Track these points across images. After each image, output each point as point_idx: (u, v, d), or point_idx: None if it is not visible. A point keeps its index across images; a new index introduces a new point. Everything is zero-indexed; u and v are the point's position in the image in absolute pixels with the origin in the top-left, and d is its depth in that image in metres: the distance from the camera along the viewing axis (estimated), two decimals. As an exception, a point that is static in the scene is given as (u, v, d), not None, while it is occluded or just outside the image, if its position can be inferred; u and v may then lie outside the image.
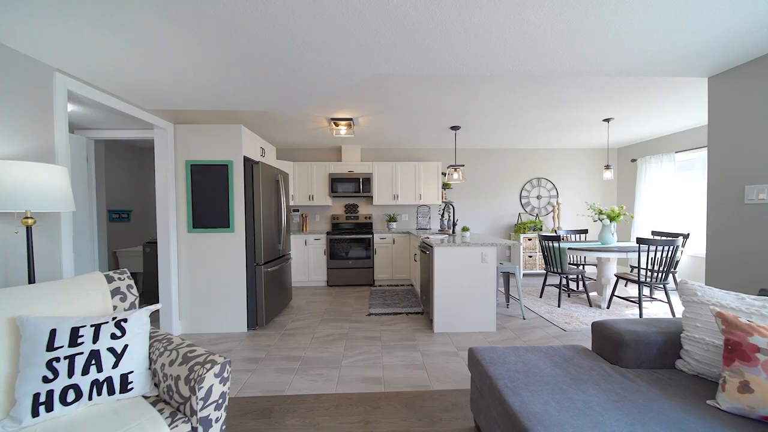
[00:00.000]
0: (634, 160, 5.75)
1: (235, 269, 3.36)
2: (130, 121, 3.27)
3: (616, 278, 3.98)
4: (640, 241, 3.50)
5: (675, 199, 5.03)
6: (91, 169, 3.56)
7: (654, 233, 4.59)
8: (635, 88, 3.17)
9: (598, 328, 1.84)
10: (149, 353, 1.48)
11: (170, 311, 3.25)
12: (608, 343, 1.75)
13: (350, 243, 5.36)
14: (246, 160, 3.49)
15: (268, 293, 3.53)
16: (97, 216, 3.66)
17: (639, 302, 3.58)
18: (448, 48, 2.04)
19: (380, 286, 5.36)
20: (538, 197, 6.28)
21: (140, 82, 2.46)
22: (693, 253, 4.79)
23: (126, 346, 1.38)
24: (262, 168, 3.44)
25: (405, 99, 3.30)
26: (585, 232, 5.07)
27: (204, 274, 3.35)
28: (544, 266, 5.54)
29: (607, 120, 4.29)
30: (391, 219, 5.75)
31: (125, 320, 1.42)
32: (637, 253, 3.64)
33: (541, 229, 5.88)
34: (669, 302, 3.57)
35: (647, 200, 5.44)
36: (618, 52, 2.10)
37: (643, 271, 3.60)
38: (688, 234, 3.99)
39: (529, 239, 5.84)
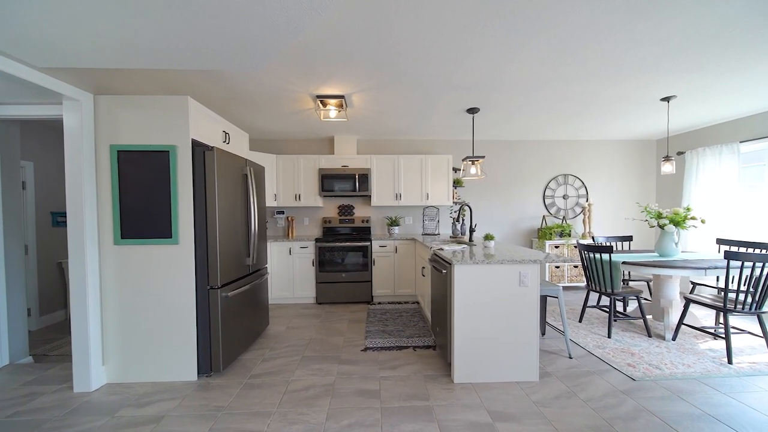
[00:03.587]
0: (681, 153, 4.84)
1: (180, 295, 2.45)
2: (34, 91, 2.36)
3: (685, 301, 3.06)
4: (729, 255, 2.60)
5: (740, 199, 4.13)
6: (-8, 157, 2.65)
7: (720, 241, 3.68)
8: (711, 57, 2.31)
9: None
10: None
11: (87, 355, 2.31)
12: None
13: (344, 251, 4.44)
14: (196, 144, 2.57)
15: (227, 326, 2.62)
16: (3, 219, 2.75)
17: (726, 338, 2.66)
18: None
19: (380, 303, 4.44)
20: (565, 197, 5.37)
21: (14, 17, 1.55)
22: None
23: None
24: (219, 156, 2.53)
25: (413, 66, 2.38)
26: (629, 239, 4.17)
27: (138, 302, 2.44)
28: (586, 283, 4.63)
29: (667, 99, 3.39)
30: (393, 223, 4.83)
31: None
32: (725, 270, 2.73)
33: (569, 235, 4.96)
34: (767, 338, 2.66)
35: (699, 201, 4.53)
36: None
37: (716, 292, 2.70)
38: (775, 244, 3.10)
39: (556, 246, 4.93)
